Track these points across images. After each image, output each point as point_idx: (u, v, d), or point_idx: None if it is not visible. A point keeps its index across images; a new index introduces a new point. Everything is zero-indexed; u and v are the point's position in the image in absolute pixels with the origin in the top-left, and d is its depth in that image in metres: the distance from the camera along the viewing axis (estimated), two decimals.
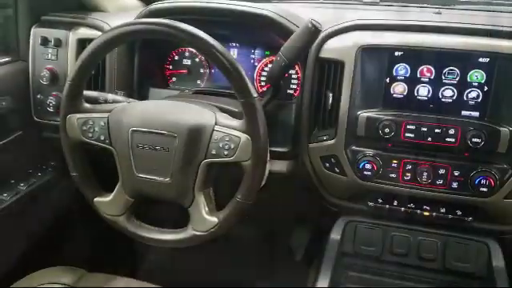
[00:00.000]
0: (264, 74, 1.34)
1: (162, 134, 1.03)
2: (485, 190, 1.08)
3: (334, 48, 1.15)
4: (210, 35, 0.96)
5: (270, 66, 1.31)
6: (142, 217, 1.15)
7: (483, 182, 1.08)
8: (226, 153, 1.01)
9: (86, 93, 1.13)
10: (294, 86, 1.30)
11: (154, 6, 1.25)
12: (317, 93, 1.17)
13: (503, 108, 1.07)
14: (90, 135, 1.08)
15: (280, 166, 1.24)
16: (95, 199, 1.13)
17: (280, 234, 1.81)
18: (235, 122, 1.02)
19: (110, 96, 1.20)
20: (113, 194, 1.11)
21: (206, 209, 1.06)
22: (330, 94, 1.15)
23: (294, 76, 1.30)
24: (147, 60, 1.37)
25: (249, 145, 1.00)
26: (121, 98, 1.19)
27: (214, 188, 1.10)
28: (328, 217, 1.30)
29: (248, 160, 1.00)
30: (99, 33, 1.29)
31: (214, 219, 1.05)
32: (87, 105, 1.10)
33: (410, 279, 1.23)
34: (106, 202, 1.12)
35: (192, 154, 1.02)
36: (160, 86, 1.39)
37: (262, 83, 1.34)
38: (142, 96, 1.35)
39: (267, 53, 1.32)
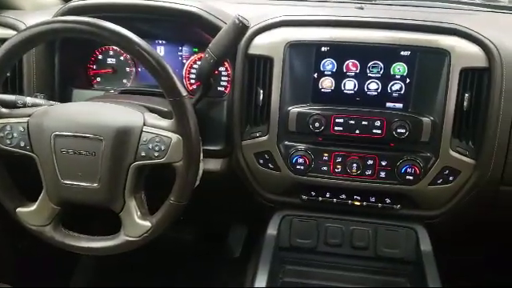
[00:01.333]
0: (193, 71, 1.31)
1: (87, 137, 0.98)
2: (410, 178, 1.13)
3: (262, 44, 1.15)
4: (134, 33, 0.92)
5: (199, 63, 1.28)
6: (75, 226, 1.09)
7: (409, 170, 1.13)
8: (156, 154, 0.98)
9: (2, 96, 1.06)
10: (225, 83, 1.28)
11: (74, 3, 1.19)
12: (247, 89, 1.17)
13: (425, 99, 1.13)
14: (9, 142, 1.01)
15: (214, 165, 1.22)
16: (17, 210, 1.06)
17: (217, 232, 1.80)
18: (165, 122, 1.00)
19: (29, 99, 1.12)
20: (37, 203, 1.05)
21: (138, 213, 1.02)
22: (261, 91, 1.16)
23: (224, 73, 1.29)
24: (68, 60, 1.30)
25: (180, 145, 0.97)
26: (41, 101, 1.12)
27: (147, 191, 1.06)
28: (264, 212, 1.30)
29: (180, 160, 0.98)
30: (14, 32, 1.20)
31: (147, 223, 1.02)
32: (4, 109, 1.03)
33: (344, 268, 1.27)
34: (30, 212, 1.06)
35: (120, 157, 0.98)
36: (84, 87, 1.33)
37: (192, 81, 1.32)
38: (65, 98, 1.28)
39: (195, 50, 1.30)
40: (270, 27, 1.15)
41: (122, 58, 1.35)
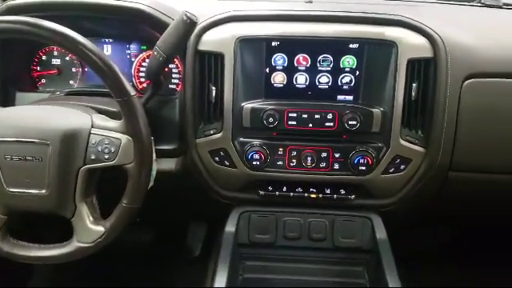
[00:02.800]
0: (143, 69, 1.28)
1: (32, 142, 0.94)
2: (363, 168, 1.15)
3: (212, 40, 1.13)
4: (79, 32, 0.89)
5: (148, 61, 1.25)
6: (25, 234, 1.05)
7: (362, 161, 1.15)
8: (106, 157, 0.95)
9: None
10: (176, 81, 1.26)
11: (12, 2, 1.13)
12: (199, 86, 1.15)
13: (374, 90, 1.15)
14: None
15: (168, 165, 1.20)
16: None
17: (175, 232, 1.78)
18: (114, 123, 0.97)
19: None
20: None
21: (91, 218, 0.99)
22: (213, 87, 1.14)
23: (174, 70, 1.26)
24: (10, 61, 1.24)
25: (131, 146, 0.95)
26: None
27: (99, 195, 1.03)
28: (222, 210, 1.29)
29: (131, 162, 0.96)
30: None
31: (100, 228, 0.99)
32: None
33: (303, 261, 1.28)
34: None
35: (69, 161, 0.95)
36: (27, 90, 1.27)
37: (142, 79, 1.29)
38: (7, 102, 1.22)
39: (143, 47, 1.27)
40: (218, 23, 1.14)
41: (67, 58, 1.30)
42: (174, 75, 1.27)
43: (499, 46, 1.14)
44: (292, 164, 1.18)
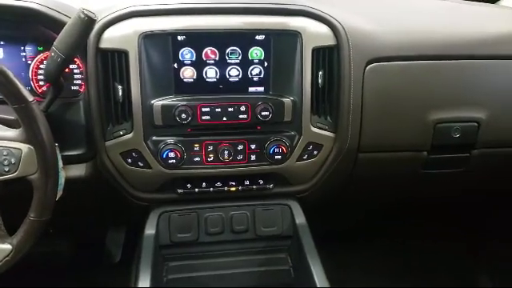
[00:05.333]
0: (41, 72, 1.19)
1: None
2: (279, 157, 1.17)
3: (113, 37, 1.08)
4: None
5: (45, 62, 1.17)
6: None
7: (277, 150, 1.17)
8: (6, 169, 0.88)
9: None
10: (79, 82, 1.19)
11: None
12: (104, 86, 1.10)
13: (283, 80, 1.16)
14: None
15: (77, 171, 1.13)
16: None
17: (94, 239, 1.70)
18: (12, 132, 0.90)
19: None
20: None
21: None
22: (119, 86, 1.10)
23: (76, 71, 1.19)
24: None
25: (33, 155, 0.89)
26: None
27: (4, 210, 0.95)
28: (140, 212, 1.25)
29: (35, 173, 0.90)
30: None
31: (7, 246, 0.92)
32: None
33: (227, 254, 1.28)
34: None
35: None
36: None
37: (41, 83, 1.20)
38: None
39: (40, 48, 1.17)
40: (120, 19, 1.09)
41: None
42: (76, 76, 1.19)
43: (397, 30, 1.21)
44: (209, 159, 1.17)
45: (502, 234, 1.84)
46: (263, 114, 1.13)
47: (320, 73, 1.15)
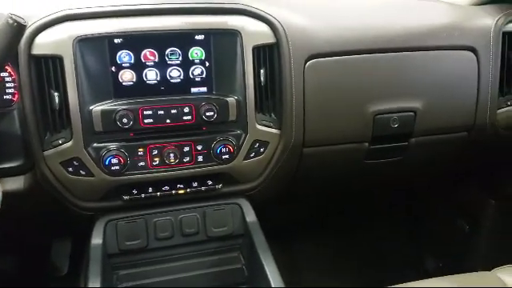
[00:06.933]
0: None
1: None
2: (227, 156, 1.17)
3: (46, 43, 1.03)
4: None
5: None
6: None
7: (224, 150, 1.16)
8: None
9: None
10: (11, 90, 1.12)
11: None
12: (39, 94, 1.05)
13: (226, 80, 1.16)
14: None
15: (16, 184, 1.08)
16: None
17: (38, 253, 1.63)
18: None
19: None
20: None
21: None
22: (55, 93, 1.05)
23: (8, 79, 1.12)
24: None
25: None
26: None
27: None
28: (86, 222, 1.21)
29: None
30: None
31: None
32: None
33: (179, 258, 1.27)
34: None
35: None
36: None
37: None
38: None
39: None
40: (52, 23, 1.04)
41: None
42: (8, 84, 1.13)
43: (333, 26, 1.24)
44: (155, 163, 1.14)
45: (442, 218, 1.94)
46: (208, 114, 1.12)
47: (262, 71, 1.16)
